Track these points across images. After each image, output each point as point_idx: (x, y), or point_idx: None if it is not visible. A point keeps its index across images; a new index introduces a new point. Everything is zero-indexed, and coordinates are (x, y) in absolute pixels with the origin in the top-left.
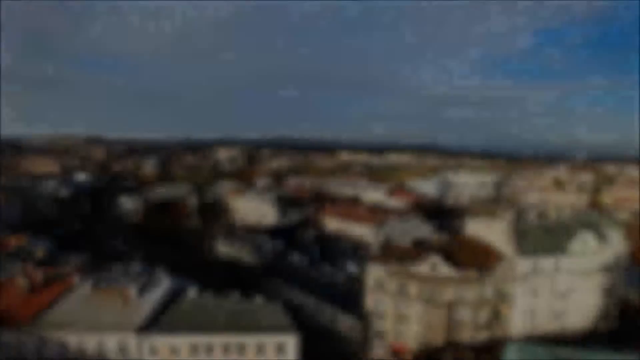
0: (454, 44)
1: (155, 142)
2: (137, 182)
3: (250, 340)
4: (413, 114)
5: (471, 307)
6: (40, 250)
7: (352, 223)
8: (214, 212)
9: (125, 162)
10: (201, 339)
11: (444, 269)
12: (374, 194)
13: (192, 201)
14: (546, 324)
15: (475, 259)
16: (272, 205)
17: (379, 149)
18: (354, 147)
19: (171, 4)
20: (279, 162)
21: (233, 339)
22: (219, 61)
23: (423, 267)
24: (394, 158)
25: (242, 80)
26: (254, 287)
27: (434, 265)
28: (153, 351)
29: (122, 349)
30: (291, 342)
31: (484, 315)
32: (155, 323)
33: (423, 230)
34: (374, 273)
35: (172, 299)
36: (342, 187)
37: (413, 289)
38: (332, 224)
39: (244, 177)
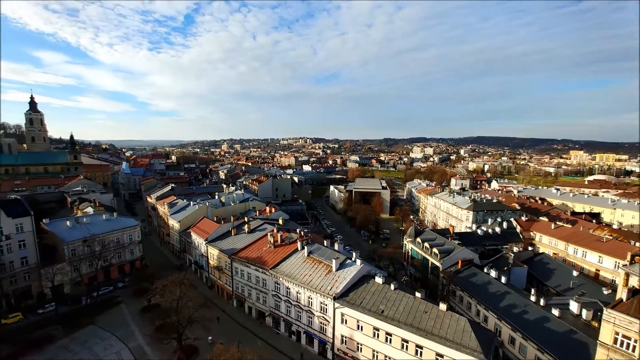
0: None
1: (358, 141)
2: (344, 175)
3: (431, 346)
4: None
5: None
6: (281, 218)
7: (584, 248)
8: (405, 208)
9: (335, 157)
10: (383, 325)
11: None
12: (627, 213)
13: (387, 195)
14: None
15: None
16: (467, 209)
17: None
18: (598, 145)
19: (371, 12)
20: (480, 162)
21: (413, 337)
22: (417, 60)
23: None
24: None
25: (441, 74)
26: (438, 293)
27: None
28: (343, 319)
29: (322, 309)
30: None
31: None
32: (346, 297)
33: None
34: (619, 326)
35: (362, 280)
36: (570, 198)
37: None
38: (550, 244)
39: (438, 176)
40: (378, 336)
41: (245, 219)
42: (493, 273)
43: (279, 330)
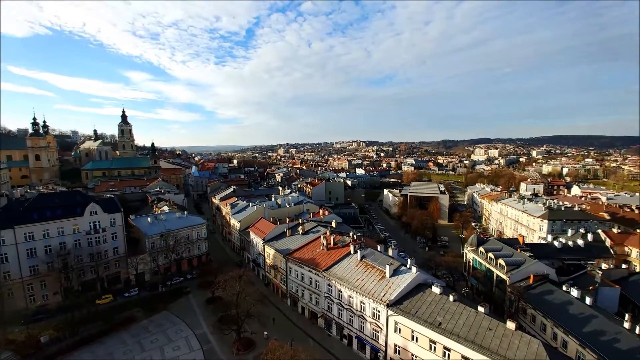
0: None
1: (414, 144)
2: (399, 178)
3: None
4: None
5: None
6: (334, 221)
7: None
8: (465, 215)
9: (389, 160)
10: (441, 339)
11: None
12: None
13: (445, 200)
14: None
15: None
16: (540, 217)
17: None
18: None
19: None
20: (557, 164)
21: (475, 355)
22: (481, 55)
23: None
24: None
25: (509, 68)
26: (504, 310)
27: None
28: (396, 328)
29: (375, 315)
30: None
31: None
32: (401, 305)
33: None
34: None
35: (418, 289)
36: None
37: None
38: None
39: (504, 181)
40: (435, 349)
41: (300, 221)
42: (575, 292)
43: (331, 332)
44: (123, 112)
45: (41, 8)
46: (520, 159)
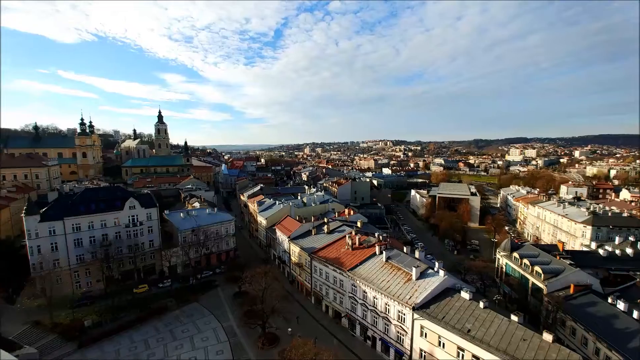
0: None
1: (444, 143)
2: (427, 178)
3: None
4: None
5: None
6: (359, 221)
7: None
8: (498, 218)
9: (417, 160)
10: (470, 347)
11: None
12: None
13: (476, 202)
14: None
15: None
16: (583, 223)
17: None
18: None
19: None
20: (603, 166)
21: None
22: (517, 49)
23: None
24: None
25: (548, 63)
26: (541, 320)
27: None
28: (422, 332)
29: (400, 318)
30: None
31: None
32: (427, 309)
33: None
34: None
35: (445, 293)
36: None
37: None
38: None
39: (542, 183)
40: (462, 357)
41: (325, 220)
42: (621, 305)
43: (355, 333)
44: (159, 112)
45: (87, 16)
46: (561, 160)
